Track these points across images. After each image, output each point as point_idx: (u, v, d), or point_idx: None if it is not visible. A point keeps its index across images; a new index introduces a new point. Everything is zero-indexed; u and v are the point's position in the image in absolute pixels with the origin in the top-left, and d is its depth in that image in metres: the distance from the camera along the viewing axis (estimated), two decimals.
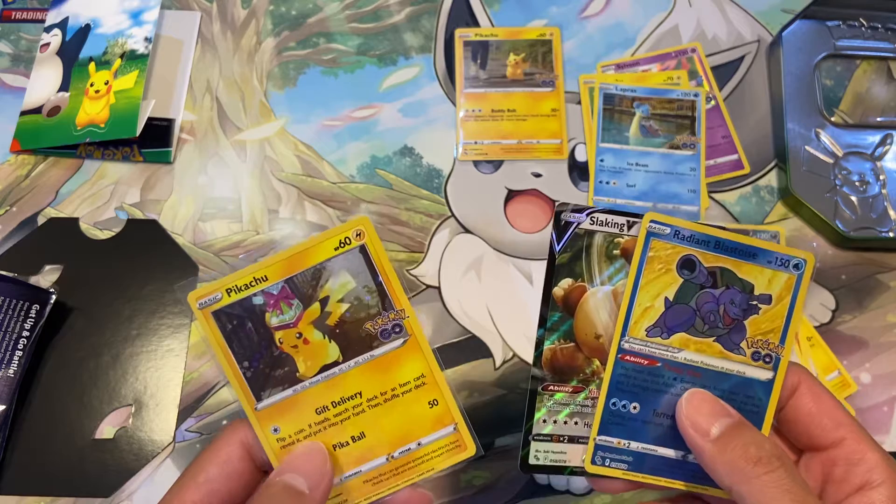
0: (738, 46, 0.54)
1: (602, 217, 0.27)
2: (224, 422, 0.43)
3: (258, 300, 0.25)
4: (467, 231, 0.49)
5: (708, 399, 0.26)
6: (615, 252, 0.27)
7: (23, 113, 0.51)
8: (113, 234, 0.48)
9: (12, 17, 0.55)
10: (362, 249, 0.25)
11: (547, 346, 0.27)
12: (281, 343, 0.25)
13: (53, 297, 0.44)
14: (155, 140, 0.50)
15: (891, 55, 0.53)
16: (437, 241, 0.48)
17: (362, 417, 0.26)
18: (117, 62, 0.52)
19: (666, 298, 0.26)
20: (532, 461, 0.28)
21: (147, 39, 0.52)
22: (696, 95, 0.51)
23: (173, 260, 0.47)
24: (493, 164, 0.50)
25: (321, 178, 0.50)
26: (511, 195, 0.50)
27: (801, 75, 0.51)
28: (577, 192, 0.49)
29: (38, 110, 0.51)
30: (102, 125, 0.49)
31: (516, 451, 0.43)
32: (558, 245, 0.27)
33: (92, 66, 0.52)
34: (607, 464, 0.28)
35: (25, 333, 0.43)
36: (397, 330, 0.26)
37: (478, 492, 0.43)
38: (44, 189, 0.49)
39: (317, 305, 0.25)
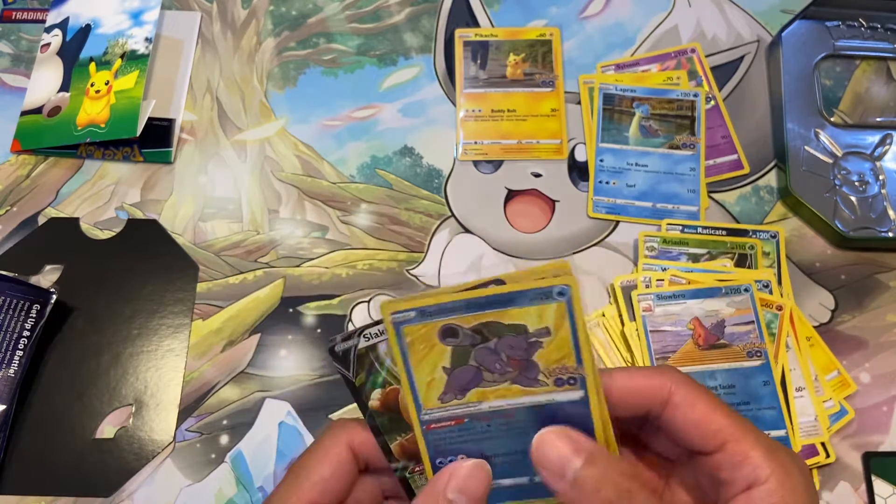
0: (738, 46, 0.54)
1: (372, 331, 0.28)
2: (224, 421, 0.43)
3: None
4: (467, 231, 0.49)
5: (556, 438, 0.26)
6: None
7: (23, 113, 0.51)
8: (113, 234, 0.48)
9: (13, 17, 0.55)
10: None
11: (393, 445, 0.29)
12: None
13: (54, 296, 0.44)
14: (155, 140, 0.50)
15: (890, 55, 0.53)
16: (437, 241, 0.48)
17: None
18: (118, 62, 0.52)
19: (443, 367, 0.27)
20: None
21: (147, 39, 0.52)
22: (695, 95, 0.51)
23: (173, 260, 0.47)
24: (493, 164, 0.50)
25: (321, 178, 0.50)
26: (511, 195, 0.50)
27: (801, 75, 0.51)
28: (577, 191, 0.50)
29: (38, 110, 0.51)
30: (103, 125, 0.49)
31: None
32: (350, 372, 0.28)
33: (92, 66, 0.52)
34: None
35: (26, 333, 0.43)
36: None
37: None
38: (44, 189, 0.49)
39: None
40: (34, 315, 0.43)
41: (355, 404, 0.28)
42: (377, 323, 0.28)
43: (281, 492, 0.28)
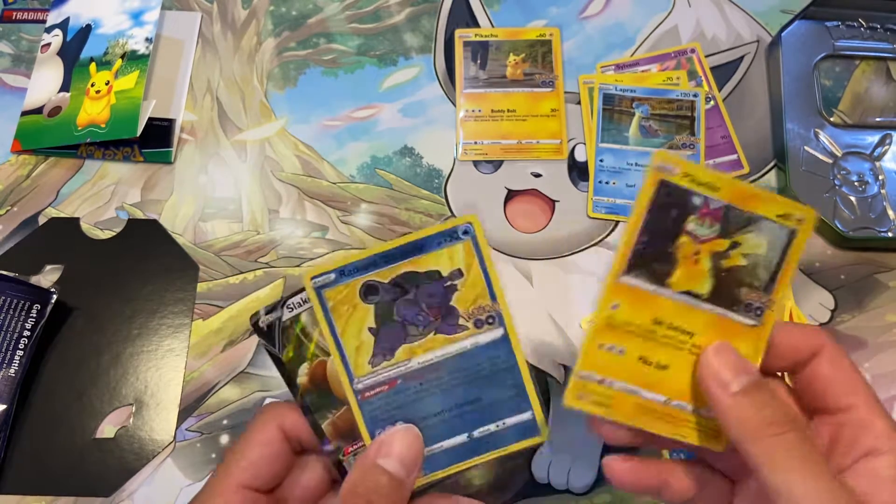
0: (738, 47, 0.54)
1: (295, 300, 0.28)
2: (224, 421, 0.43)
3: (698, 200, 0.25)
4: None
5: (732, 353, 0.26)
6: None
7: (24, 113, 0.51)
8: (114, 234, 0.48)
9: (13, 17, 0.55)
10: (792, 234, 0.25)
11: (325, 424, 0.28)
12: (679, 247, 0.25)
13: (54, 296, 0.44)
14: (155, 140, 0.50)
15: (890, 55, 0.53)
16: None
17: (677, 354, 0.26)
18: (118, 62, 0.52)
19: (369, 328, 0.27)
20: None
21: (148, 40, 0.52)
22: (695, 96, 0.51)
23: (174, 260, 0.47)
24: (493, 164, 0.50)
25: (321, 178, 0.50)
26: (511, 195, 0.50)
27: (801, 76, 0.51)
28: (576, 191, 0.50)
29: (38, 110, 0.51)
30: (103, 125, 0.49)
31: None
32: (276, 348, 0.28)
33: (93, 66, 0.52)
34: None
35: (26, 333, 0.43)
36: (759, 312, 0.26)
37: (477, 491, 0.43)
38: (45, 189, 0.50)
39: (727, 242, 0.25)
40: (34, 315, 0.43)
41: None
42: (299, 291, 0.28)
43: (214, 477, 0.28)
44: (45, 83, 0.52)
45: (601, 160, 0.50)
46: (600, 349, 0.26)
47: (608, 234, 0.49)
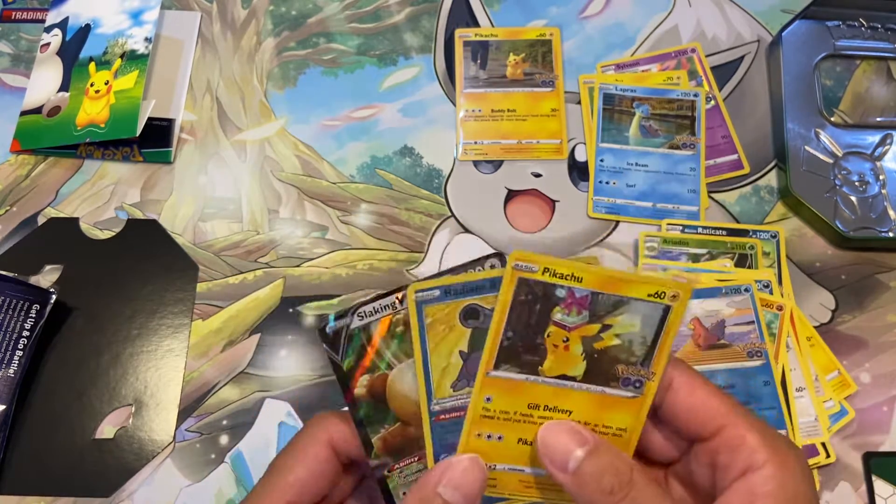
0: (738, 46, 0.54)
1: (367, 309, 0.27)
2: (224, 422, 0.43)
3: (561, 293, 0.25)
4: (467, 231, 0.49)
5: (563, 429, 0.26)
6: (398, 330, 0.28)
7: (23, 113, 0.51)
8: (113, 234, 0.48)
9: (12, 17, 0.55)
10: (666, 309, 0.25)
11: (375, 438, 0.28)
12: (548, 336, 0.26)
13: (54, 296, 0.44)
14: (155, 140, 0.50)
15: (890, 55, 0.53)
16: (437, 241, 0.48)
17: None
18: (117, 62, 0.52)
19: (460, 352, 0.27)
20: None
21: (147, 39, 0.52)
22: (695, 95, 0.51)
23: (173, 260, 0.47)
24: (493, 164, 0.50)
25: (321, 178, 0.50)
26: (511, 195, 0.50)
27: (801, 75, 0.51)
28: (577, 191, 0.50)
29: (38, 110, 0.51)
30: (102, 125, 0.49)
31: None
32: (339, 356, 0.27)
33: (92, 66, 0.52)
34: None
35: (26, 333, 0.43)
36: (638, 385, 0.26)
37: None
38: (44, 189, 0.49)
39: (597, 326, 0.26)
40: (34, 315, 0.43)
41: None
42: (374, 300, 0.27)
43: (258, 491, 0.28)
44: (44, 83, 0.52)
45: (601, 160, 0.50)
46: (478, 438, 0.27)
47: (608, 235, 0.48)
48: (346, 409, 0.28)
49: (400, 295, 0.28)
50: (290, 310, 0.46)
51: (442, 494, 0.26)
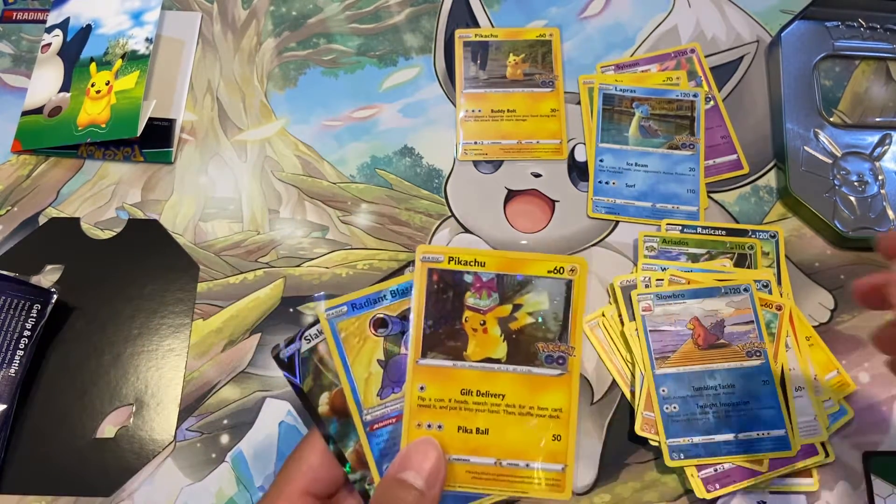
0: (738, 47, 0.54)
1: (311, 332, 0.29)
2: (225, 421, 0.44)
3: (468, 278, 0.27)
4: (467, 231, 0.49)
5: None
6: None
7: (24, 113, 0.51)
8: (114, 234, 0.48)
9: (13, 17, 0.55)
10: (568, 284, 0.27)
11: (348, 452, 0.28)
12: (465, 321, 0.27)
13: (55, 296, 0.44)
14: (156, 140, 0.50)
15: (889, 55, 0.53)
16: (437, 241, 0.48)
17: (494, 417, 0.28)
18: (118, 62, 0.52)
19: (378, 360, 0.28)
20: None
21: (148, 40, 0.52)
22: (695, 96, 0.51)
23: (174, 260, 0.47)
24: (493, 164, 0.50)
25: (321, 178, 0.50)
26: (511, 195, 0.50)
27: (800, 76, 0.51)
28: (576, 192, 0.50)
29: (39, 111, 0.51)
30: (103, 125, 0.49)
31: None
32: (297, 378, 0.28)
33: (93, 66, 0.52)
34: None
35: (27, 333, 0.43)
36: (561, 361, 0.27)
37: None
38: (45, 189, 0.50)
39: (509, 307, 0.27)
40: (35, 315, 0.43)
41: None
42: (315, 323, 0.28)
43: (275, 484, 0.28)
44: (45, 83, 0.52)
45: (601, 160, 0.50)
46: (419, 428, 0.28)
47: (608, 234, 0.49)
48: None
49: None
50: (291, 310, 0.46)
51: (406, 479, 0.26)
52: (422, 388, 0.27)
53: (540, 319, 0.27)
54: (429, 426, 0.28)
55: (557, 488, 0.27)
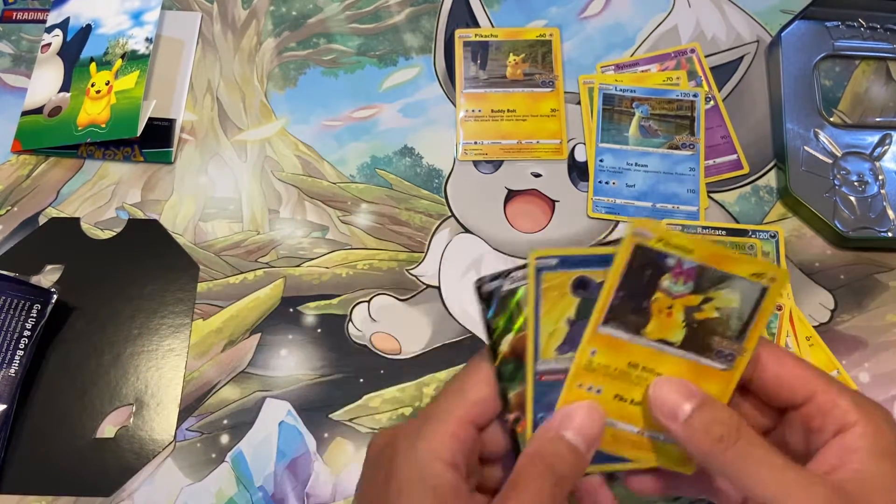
0: (738, 47, 0.54)
1: (518, 274, 0.29)
2: (225, 421, 0.44)
3: (671, 262, 0.27)
4: (467, 231, 0.49)
5: (673, 383, 0.28)
6: None
7: (24, 113, 0.51)
8: (114, 233, 0.48)
9: (13, 17, 0.55)
10: (763, 290, 0.27)
11: (512, 394, 0.29)
12: (654, 301, 0.27)
13: (55, 296, 0.44)
14: (156, 140, 0.50)
15: (889, 55, 0.53)
16: (437, 241, 0.48)
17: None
18: (118, 62, 0.52)
19: (569, 319, 0.28)
20: None
21: (148, 40, 0.52)
22: (695, 96, 0.51)
23: (174, 260, 0.47)
24: (493, 164, 0.50)
25: (321, 178, 0.50)
26: (511, 195, 0.50)
27: (800, 76, 0.51)
28: (576, 192, 0.50)
29: (39, 111, 0.51)
30: (103, 125, 0.49)
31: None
32: (490, 314, 0.29)
33: (93, 66, 0.52)
34: None
35: (27, 333, 0.43)
36: (730, 358, 0.28)
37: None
38: (45, 189, 0.50)
39: (700, 298, 0.27)
40: (35, 315, 0.43)
41: (367, 396, 0.28)
42: (523, 267, 0.29)
43: (441, 408, 0.28)
44: (45, 83, 0.52)
45: (601, 160, 0.50)
46: (579, 388, 0.28)
47: (608, 234, 0.49)
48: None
49: None
50: (291, 310, 0.46)
51: (565, 437, 0.27)
52: (593, 353, 0.28)
53: (725, 317, 0.28)
54: (589, 388, 0.28)
55: (685, 464, 0.29)
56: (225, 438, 0.43)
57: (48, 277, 0.47)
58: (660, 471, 0.30)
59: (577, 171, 0.50)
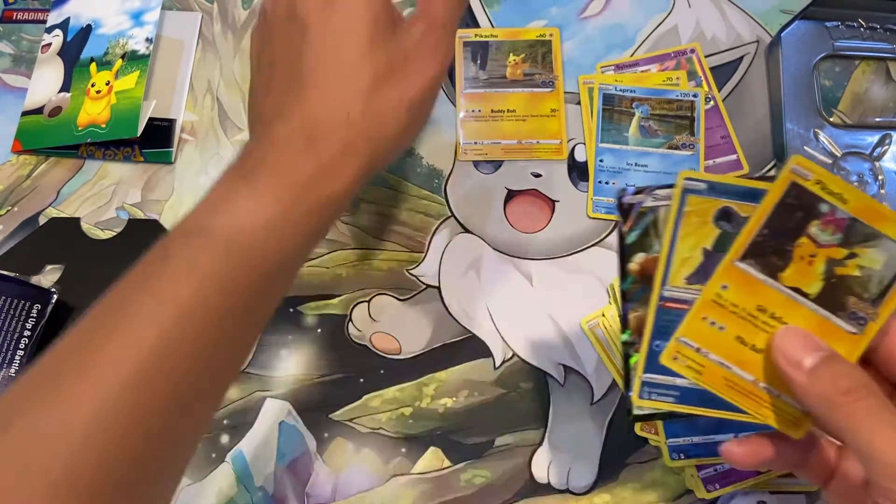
0: (737, 47, 0.54)
1: (662, 192, 0.28)
2: (225, 421, 0.43)
3: (824, 208, 0.26)
4: (467, 231, 0.49)
5: (801, 333, 0.27)
6: None
7: (24, 113, 0.51)
8: (114, 234, 0.48)
9: (13, 17, 0.55)
10: None
11: (632, 315, 0.29)
12: (798, 246, 0.27)
13: (55, 296, 0.44)
14: (156, 140, 0.50)
15: (889, 56, 0.53)
16: (437, 241, 0.48)
17: None
18: (118, 63, 0.52)
19: (704, 249, 0.27)
20: (636, 412, 0.30)
21: (148, 40, 0.52)
22: (695, 96, 0.51)
23: None
24: (493, 164, 0.50)
25: None
26: (511, 195, 0.50)
27: (800, 76, 0.51)
28: (576, 192, 0.50)
29: (39, 111, 0.51)
30: (104, 125, 0.49)
31: (517, 451, 0.44)
32: (625, 226, 0.28)
33: (93, 66, 0.52)
34: (653, 398, 0.29)
35: (27, 333, 0.43)
36: (862, 322, 0.27)
37: (477, 491, 0.43)
38: (45, 189, 0.50)
39: (845, 251, 0.26)
40: (35, 315, 0.43)
41: (367, 396, 0.27)
42: (669, 186, 0.28)
43: None
44: (45, 83, 0.52)
45: (601, 160, 0.50)
46: (703, 321, 0.27)
47: (608, 234, 0.49)
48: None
49: None
50: (291, 310, 0.46)
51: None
52: (724, 287, 0.27)
53: (866, 277, 0.26)
54: (712, 323, 0.28)
55: (795, 427, 0.28)
56: (225, 438, 0.43)
57: (48, 277, 0.47)
58: (758, 437, 0.29)
59: (578, 171, 0.50)
